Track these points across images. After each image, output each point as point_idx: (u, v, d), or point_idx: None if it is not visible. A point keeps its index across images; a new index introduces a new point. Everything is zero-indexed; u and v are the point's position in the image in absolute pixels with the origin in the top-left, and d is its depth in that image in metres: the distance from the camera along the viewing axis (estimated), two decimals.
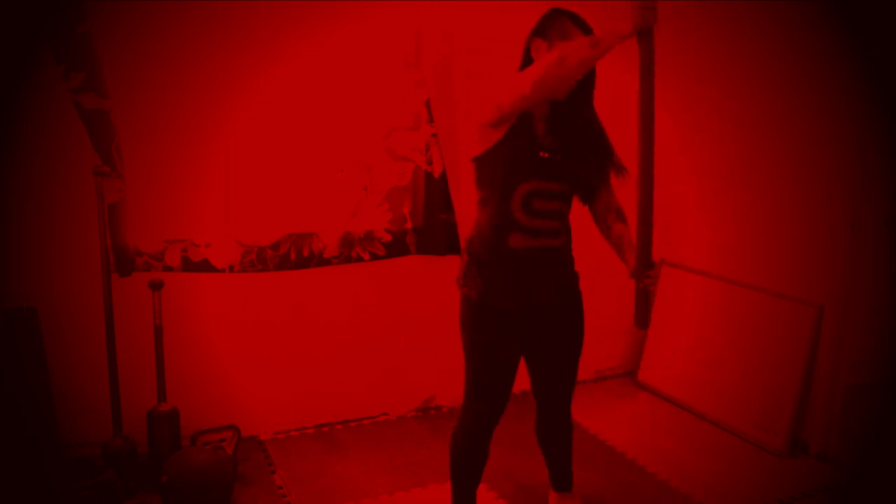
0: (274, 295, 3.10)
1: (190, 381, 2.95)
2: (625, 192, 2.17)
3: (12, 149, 2.63)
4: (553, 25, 2.03)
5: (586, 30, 2.02)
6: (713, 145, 3.56)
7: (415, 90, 3.12)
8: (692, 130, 3.68)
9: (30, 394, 2.44)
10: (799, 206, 3.12)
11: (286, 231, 3.01)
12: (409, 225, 3.24)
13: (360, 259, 3.15)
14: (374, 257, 3.18)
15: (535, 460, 2.68)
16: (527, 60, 2.09)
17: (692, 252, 3.71)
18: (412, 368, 3.39)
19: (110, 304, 2.69)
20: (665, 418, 3.44)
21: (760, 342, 3.21)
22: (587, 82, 2.05)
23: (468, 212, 2.21)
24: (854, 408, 2.98)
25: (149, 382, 2.78)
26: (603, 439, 3.18)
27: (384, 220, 3.20)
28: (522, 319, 2.16)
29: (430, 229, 3.22)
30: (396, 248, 3.22)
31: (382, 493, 2.73)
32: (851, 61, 2.84)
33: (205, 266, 2.90)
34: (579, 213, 2.21)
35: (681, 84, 3.68)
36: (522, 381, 2.30)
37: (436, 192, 3.18)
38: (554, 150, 2.05)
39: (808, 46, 3.02)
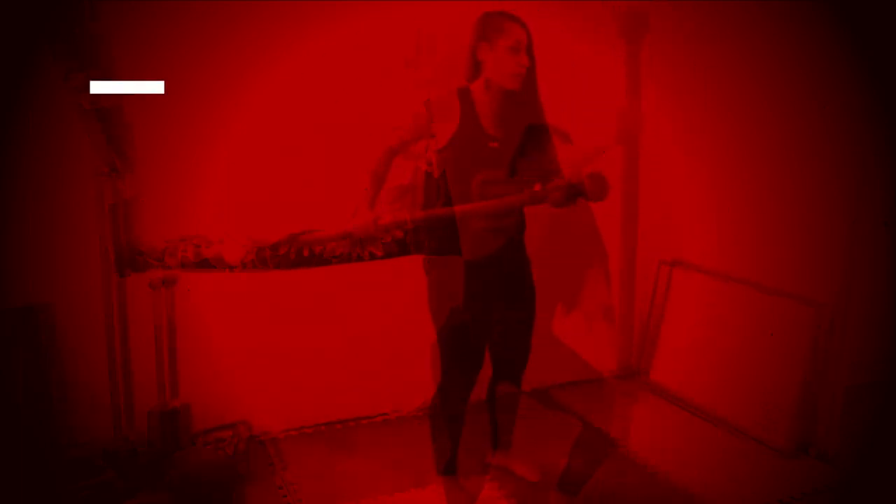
0: (275, 295, 3.09)
1: (192, 380, 2.94)
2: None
3: (14, 149, 2.63)
4: (490, 25, 2.22)
5: (517, 21, 2.22)
6: (715, 145, 3.56)
7: (415, 90, 3.12)
8: (694, 131, 3.68)
9: (30, 394, 2.44)
10: (799, 206, 3.12)
11: (286, 231, 3.01)
12: (409, 225, 3.23)
13: (360, 259, 3.15)
14: (374, 257, 3.18)
15: (538, 460, 2.69)
16: (475, 65, 2.29)
17: (693, 251, 3.71)
18: (413, 368, 3.39)
19: (112, 304, 2.68)
20: (667, 417, 3.44)
21: (762, 341, 3.21)
22: (531, 74, 2.24)
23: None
24: (854, 408, 2.98)
25: (150, 382, 2.77)
26: (604, 439, 3.18)
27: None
28: (475, 272, 2.37)
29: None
30: (396, 248, 3.21)
31: (385, 493, 2.73)
32: (851, 61, 2.85)
33: (207, 266, 2.89)
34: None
35: (682, 84, 3.68)
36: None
37: (435, 192, 3.16)
38: (504, 140, 2.21)
39: (808, 46, 3.03)
